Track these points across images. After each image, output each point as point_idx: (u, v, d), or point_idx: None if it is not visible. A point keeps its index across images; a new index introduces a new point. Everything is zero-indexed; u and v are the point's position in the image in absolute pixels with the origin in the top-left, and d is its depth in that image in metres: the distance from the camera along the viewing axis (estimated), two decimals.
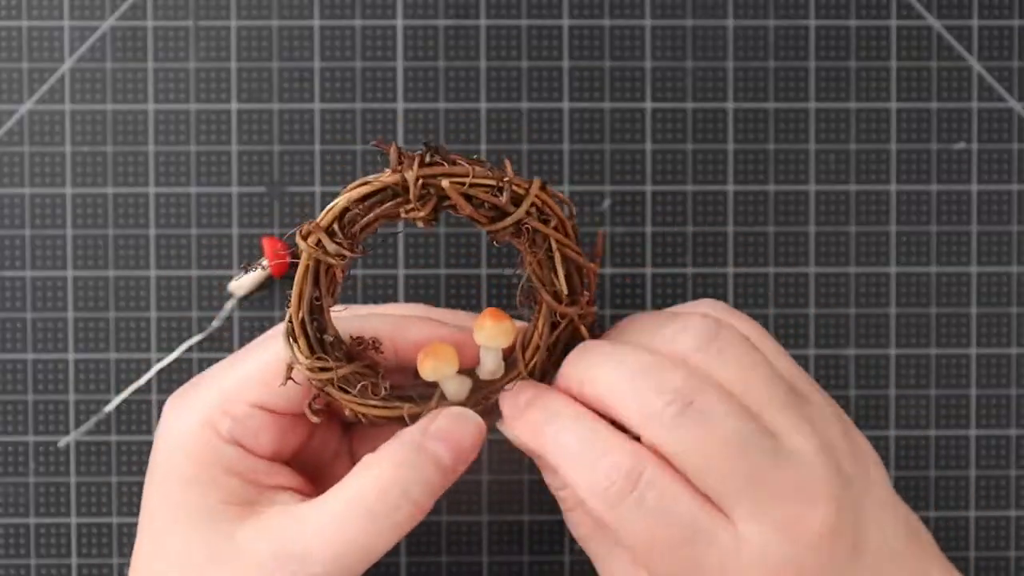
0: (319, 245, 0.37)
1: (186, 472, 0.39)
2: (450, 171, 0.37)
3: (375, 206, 0.37)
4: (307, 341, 0.38)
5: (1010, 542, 0.51)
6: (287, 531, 0.38)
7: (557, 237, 0.38)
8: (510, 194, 0.37)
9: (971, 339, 0.51)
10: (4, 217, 0.50)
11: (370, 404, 0.39)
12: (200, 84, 0.50)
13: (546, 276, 0.39)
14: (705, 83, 0.50)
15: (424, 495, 0.38)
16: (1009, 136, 0.50)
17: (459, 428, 0.39)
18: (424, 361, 0.39)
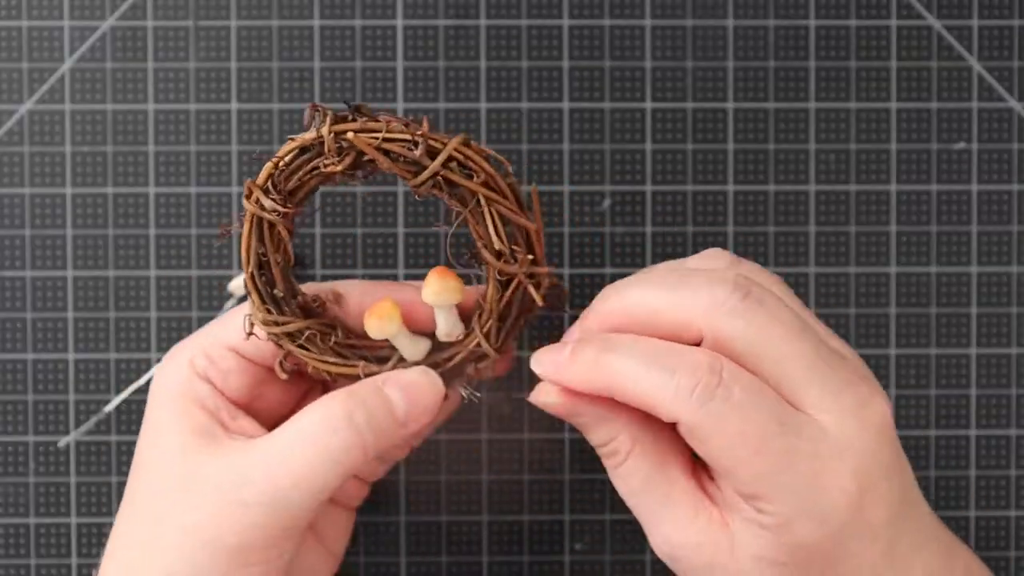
0: (257, 202, 0.39)
1: (168, 404, 0.41)
2: (364, 126, 0.38)
3: (303, 164, 0.38)
4: (259, 295, 0.40)
5: (1010, 542, 0.51)
6: (237, 461, 0.39)
7: (484, 192, 0.38)
8: (425, 147, 0.38)
9: (971, 339, 0.51)
10: (4, 217, 0.50)
11: (328, 361, 0.41)
12: (200, 84, 0.50)
13: (483, 233, 0.39)
14: (705, 83, 0.50)
15: (370, 431, 0.39)
16: (1009, 136, 0.50)
17: (418, 381, 0.40)
18: (368, 319, 0.40)
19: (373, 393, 0.39)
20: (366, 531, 0.50)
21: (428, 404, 0.40)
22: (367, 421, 0.39)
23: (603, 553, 0.50)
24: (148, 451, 0.41)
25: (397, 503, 0.50)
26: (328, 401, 0.39)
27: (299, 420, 0.39)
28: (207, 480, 0.39)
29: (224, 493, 0.38)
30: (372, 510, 0.50)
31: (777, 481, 0.36)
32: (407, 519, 0.50)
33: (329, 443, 0.38)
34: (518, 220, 0.39)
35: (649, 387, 0.37)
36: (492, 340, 0.41)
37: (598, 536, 0.50)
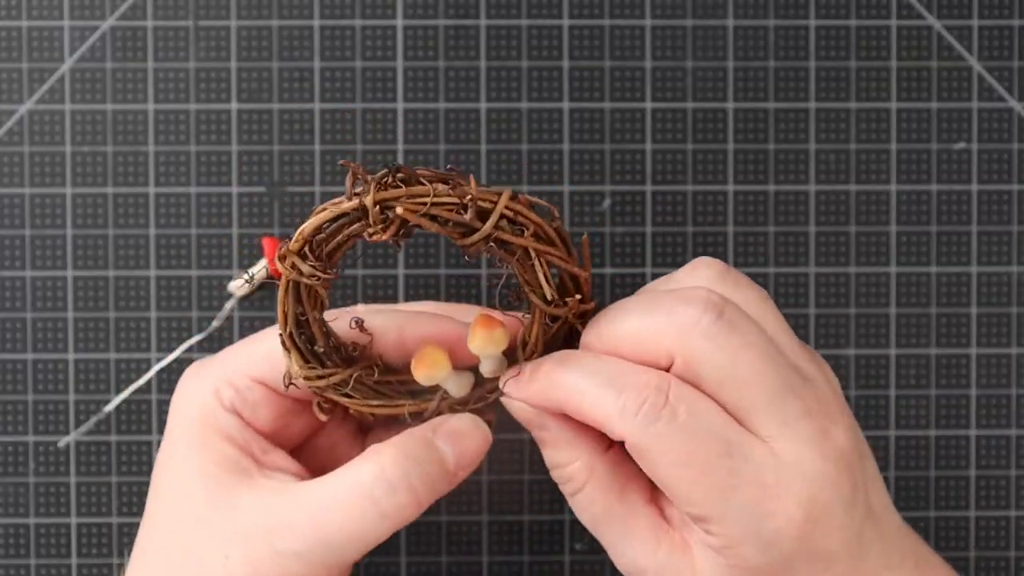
0: (294, 267, 0.37)
1: (190, 434, 0.40)
2: (408, 192, 0.36)
3: (341, 228, 0.37)
4: (299, 353, 0.39)
5: (1010, 542, 0.51)
6: (276, 504, 0.38)
7: (534, 246, 0.37)
8: (475, 210, 0.36)
9: (971, 339, 0.50)
10: (4, 217, 0.50)
11: (371, 404, 0.40)
12: (200, 84, 0.50)
13: (532, 280, 0.38)
14: (705, 83, 0.50)
15: (424, 489, 0.38)
16: (1009, 136, 0.50)
17: (468, 432, 0.40)
18: (416, 368, 0.40)
19: (425, 448, 0.39)
20: None
21: (477, 451, 0.40)
22: (421, 480, 0.38)
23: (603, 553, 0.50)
24: (169, 480, 0.40)
25: None
26: (379, 455, 0.38)
27: (350, 476, 0.38)
28: (241, 517, 0.38)
29: (262, 537, 0.38)
30: None
31: (722, 504, 0.36)
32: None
33: (384, 501, 0.38)
34: (569, 269, 0.39)
35: (596, 404, 0.37)
36: None
37: None
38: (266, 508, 0.38)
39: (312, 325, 0.39)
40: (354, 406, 0.40)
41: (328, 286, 0.38)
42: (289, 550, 0.38)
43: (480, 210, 0.37)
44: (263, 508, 0.38)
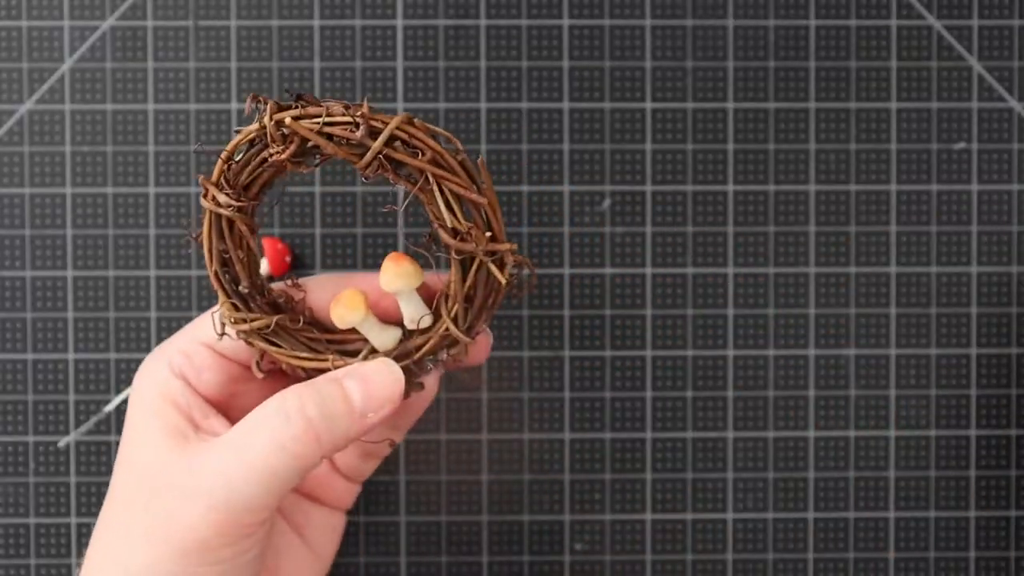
0: (213, 199, 0.39)
1: (146, 403, 0.41)
2: (304, 112, 0.37)
3: (252, 157, 0.38)
4: (224, 293, 0.40)
5: (1010, 542, 0.50)
6: (195, 459, 0.39)
7: (431, 170, 0.38)
8: (367, 128, 0.37)
9: (971, 339, 0.50)
10: (4, 217, 0.50)
11: (300, 356, 0.41)
12: (200, 84, 0.50)
13: (437, 212, 0.39)
14: (705, 83, 0.50)
15: (322, 421, 0.38)
16: (1009, 136, 0.50)
17: (378, 374, 0.39)
18: (334, 309, 0.40)
19: (329, 384, 0.39)
20: (366, 531, 0.50)
21: (387, 395, 0.39)
22: (320, 411, 0.38)
23: (603, 553, 0.50)
24: (125, 448, 0.41)
25: (397, 503, 0.50)
26: (284, 392, 0.39)
27: (253, 412, 0.39)
28: (170, 479, 0.39)
29: (180, 490, 0.38)
30: (372, 510, 0.50)
31: None
32: (407, 519, 0.50)
33: (280, 432, 0.38)
34: (468, 195, 0.38)
35: None
36: (461, 324, 0.40)
37: (598, 536, 0.50)
38: (188, 464, 0.39)
39: (235, 263, 0.40)
40: (281, 357, 0.40)
41: (251, 221, 0.39)
42: (200, 490, 0.38)
43: (372, 129, 0.37)
44: (186, 464, 0.39)
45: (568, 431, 0.50)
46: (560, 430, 0.50)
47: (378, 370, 0.40)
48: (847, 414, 0.50)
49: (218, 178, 0.39)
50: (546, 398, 0.50)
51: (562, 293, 0.50)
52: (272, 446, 0.38)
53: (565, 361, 0.50)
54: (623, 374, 0.50)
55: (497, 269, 0.40)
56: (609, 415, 0.50)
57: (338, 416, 0.39)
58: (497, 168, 0.50)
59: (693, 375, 0.50)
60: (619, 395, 0.50)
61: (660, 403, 0.50)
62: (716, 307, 0.50)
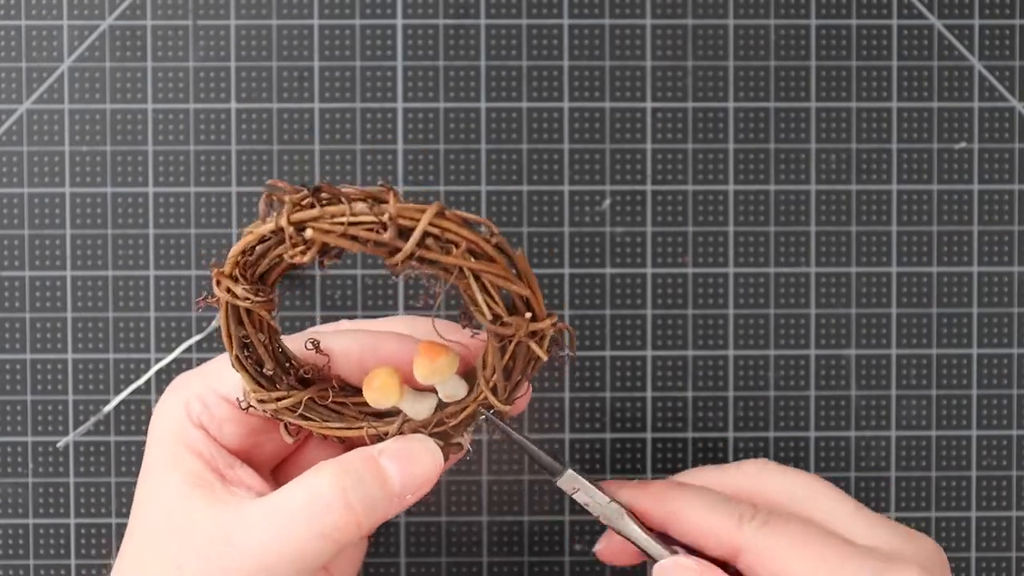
0: (229, 291, 0.37)
1: (163, 446, 0.40)
2: (324, 212, 0.34)
3: (267, 251, 0.36)
4: (249, 376, 0.39)
5: (1011, 543, 0.50)
6: (227, 521, 0.38)
7: (465, 264, 0.35)
8: (396, 228, 0.34)
9: (972, 339, 0.50)
10: (3, 217, 0.50)
11: (331, 426, 0.39)
12: (199, 84, 0.50)
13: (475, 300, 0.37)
14: (705, 83, 0.50)
15: (364, 509, 0.37)
16: (1010, 136, 0.50)
17: (417, 453, 0.39)
18: (366, 392, 0.39)
19: (367, 466, 0.38)
20: None
21: (426, 475, 0.39)
22: (361, 498, 0.37)
23: None
24: (143, 491, 0.40)
25: None
26: (321, 475, 0.38)
27: (290, 493, 0.38)
28: (197, 530, 0.38)
29: (213, 551, 0.37)
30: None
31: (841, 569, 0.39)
32: (407, 520, 0.50)
33: (320, 522, 0.37)
34: (509, 287, 0.36)
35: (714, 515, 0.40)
36: (499, 396, 0.39)
37: (598, 536, 0.50)
38: (219, 523, 0.38)
39: (257, 348, 0.38)
40: (313, 428, 0.39)
41: (270, 308, 0.37)
42: (232, 567, 0.37)
43: (402, 228, 0.35)
44: (216, 523, 0.38)
45: (568, 431, 0.50)
46: (560, 430, 0.50)
47: (417, 450, 0.39)
48: (847, 414, 0.50)
49: (231, 271, 0.36)
50: (546, 398, 0.50)
51: (562, 293, 0.50)
52: (312, 535, 0.37)
53: (565, 361, 0.50)
54: (623, 374, 0.50)
55: (537, 346, 0.38)
56: (609, 415, 0.50)
57: (378, 500, 0.38)
58: (497, 168, 0.50)
59: (693, 375, 0.50)
60: (619, 395, 0.50)
61: (660, 403, 0.50)
62: (716, 307, 0.50)
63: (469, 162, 0.50)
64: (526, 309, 0.37)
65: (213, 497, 0.39)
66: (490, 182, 0.50)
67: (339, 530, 0.37)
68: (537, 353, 0.38)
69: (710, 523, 0.40)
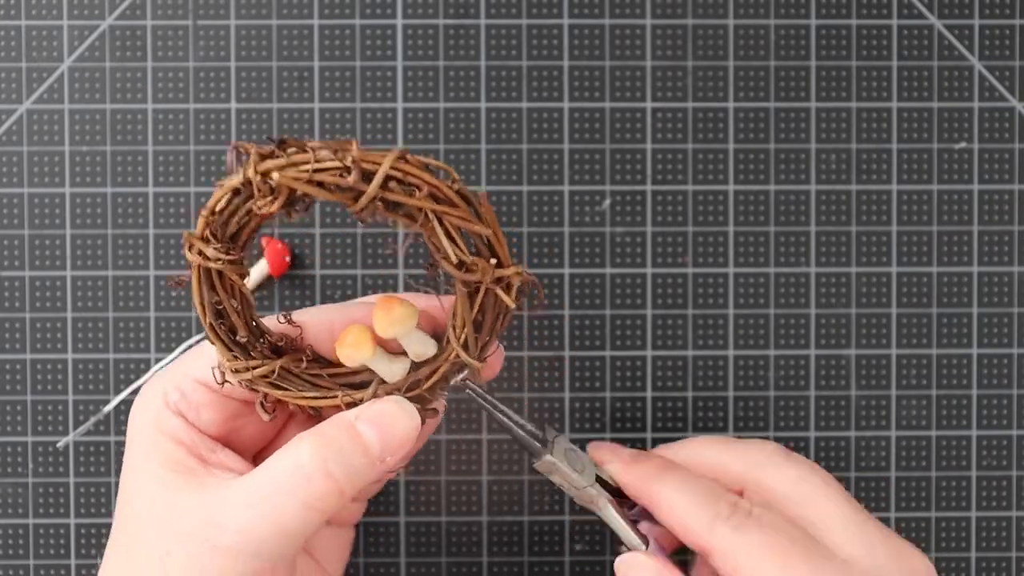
0: (200, 253, 0.37)
1: (143, 438, 0.40)
2: (290, 161, 0.35)
3: (237, 208, 0.36)
4: (223, 344, 0.39)
5: (1011, 543, 0.50)
6: (212, 501, 0.38)
7: (430, 207, 0.36)
8: (359, 172, 0.35)
9: (972, 339, 0.50)
10: (3, 217, 0.50)
11: (307, 396, 0.40)
12: (199, 84, 0.50)
13: (440, 245, 0.37)
14: (705, 83, 0.50)
15: (345, 476, 0.38)
16: (1010, 136, 0.50)
17: (393, 415, 0.39)
18: (340, 349, 0.39)
19: (345, 433, 0.38)
20: (366, 531, 0.50)
21: (404, 436, 0.39)
22: (341, 466, 0.38)
23: (603, 553, 0.50)
24: (126, 483, 0.40)
25: (397, 503, 0.50)
26: (300, 446, 0.38)
27: (271, 468, 0.38)
28: (183, 515, 0.38)
29: (200, 533, 0.38)
30: (372, 510, 0.50)
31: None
32: (407, 519, 0.50)
33: (303, 492, 0.37)
34: (471, 228, 0.37)
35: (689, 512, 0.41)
36: (471, 351, 0.39)
37: (598, 536, 0.50)
38: (204, 506, 0.38)
39: (230, 314, 0.39)
40: (288, 399, 0.40)
41: (241, 271, 0.38)
42: (222, 546, 0.37)
43: (366, 172, 0.35)
44: (201, 506, 0.38)
45: (568, 431, 0.50)
46: (560, 430, 0.50)
47: (393, 411, 0.39)
48: (847, 414, 0.50)
49: (203, 232, 0.37)
50: (546, 398, 0.50)
51: (562, 293, 0.50)
52: (297, 506, 0.37)
53: (565, 361, 0.50)
54: (623, 374, 0.50)
55: (505, 293, 0.38)
56: (609, 415, 0.50)
57: (359, 466, 0.38)
58: (497, 168, 0.50)
59: (693, 375, 0.50)
60: (619, 395, 0.50)
61: (660, 403, 0.50)
62: (716, 307, 0.50)
63: (469, 162, 0.50)
64: (491, 255, 0.38)
65: (196, 481, 0.39)
66: (490, 182, 0.50)
67: (322, 499, 0.37)
68: (505, 302, 0.38)
69: (684, 520, 0.40)
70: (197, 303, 0.38)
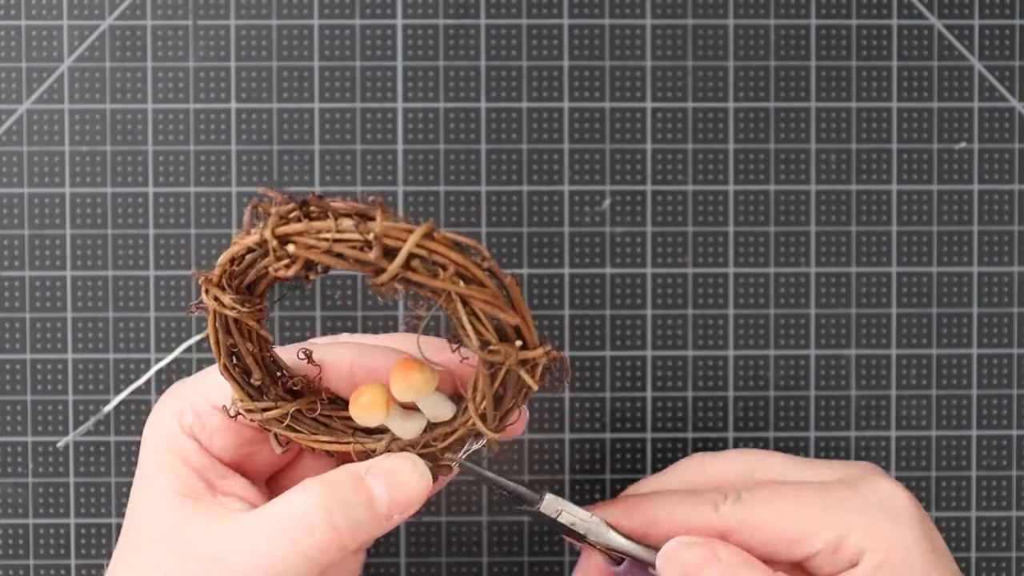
0: (216, 299, 0.36)
1: (155, 455, 0.40)
2: (309, 228, 0.33)
3: (253, 263, 0.35)
4: (238, 385, 0.38)
5: (1011, 543, 0.50)
6: (217, 533, 0.38)
7: (453, 289, 0.34)
8: (381, 248, 0.33)
9: (972, 339, 0.50)
10: (3, 217, 0.50)
11: (319, 439, 0.39)
12: (199, 84, 0.50)
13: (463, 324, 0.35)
14: (705, 83, 0.50)
15: (348, 530, 0.37)
16: (1010, 136, 0.50)
17: (404, 473, 0.38)
18: (354, 409, 0.38)
19: (352, 486, 0.37)
20: None
21: (414, 495, 0.38)
22: (346, 520, 0.37)
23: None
24: (137, 493, 0.40)
25: None
26: (306, 494, 0.37)
27: (276, 511, 0.37)
28: (190, 538, 0.38)
29: (204, 563, 0.37)
30: None
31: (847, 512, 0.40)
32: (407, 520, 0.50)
33: (305, 543, 0.37)
34: (498, 315, 0.35)
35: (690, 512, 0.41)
36: (489, 423, 0.38)
37: None
38: (209, 535, 0.38)
39: (245, 357, 0.38)
40: (300, 440, 0.39)
41: (259, 318, 0.37)
42: None
43: (388, 248, 0.33)
44: (206, 535, 0.38)
45: (568, 431, 0.50)
46: (560, 430, 0.50)
47: (405, 469, 0.38)
48: (847, 414, 0.50)
49: (219, 280, 0.36)
50: (546, 398, 0.50)
51: (562, 293, 0.50)
52: (298, 556, 0.37)
53: (565, 361, 0.50)
54: (623, 374, 0.50)
55: (528, 376, 0.37)
56: (609, 415, 0.50)
57: (364, 520, 0.37)
58: (497, 168, 0.50)
59: (693, 375, 0.50)
60: (619, 395, 0.50)
61: (660, 403, 0.50)
62: (716, 307, 0.50)
63: (469, 162, 0.50)
64: (517, 337, 0.36)
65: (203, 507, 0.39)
66: (490, 182, 0.50)
67: (323, 552, 0.37)
68: (527, 383, 0.37)
69: (689, 518, 0.41)
70: (212, 344, 0.37)
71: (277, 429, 0.39)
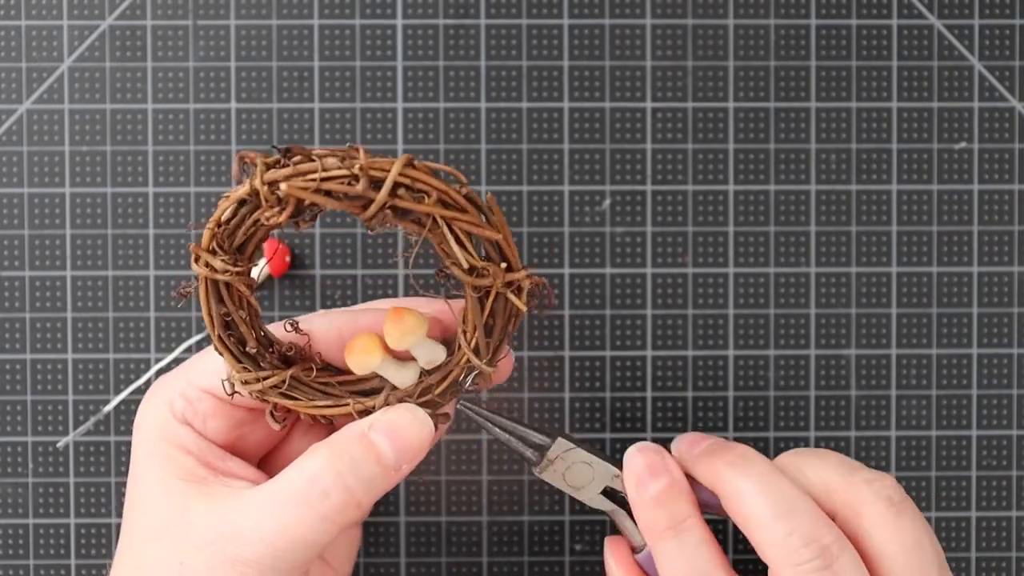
0: (207, 265, 0.37)
1: (149, 445, 0.40)
2: (296, 171, 0.35)
3: (244, 218, 0.36)
4: (232, 355, 0.39)
5: (1011, 543, 0.50)
6: (227, 511, 0.38)
7: (439, 212, 0.36)
8: (367, 180, 0.35)
9: (972, 339, 0.50)
10: (3, 217, 0.50)
11: (318, 405, 0.39)
12: (199, 84, 0.50)
13: (449, 251, 0.37)
14: (706, 83, 0.50)
15: (360, 487, 0.38)
16: (1010, 136, 0.50)
17: (406, 424, 0.39)
18: (349, 357, 0.39)
19: (358, 443, 0.38)
20: (366, 531, 0.50)
21: (418, 443, 0.39)
22: (356, 477, 0.38)
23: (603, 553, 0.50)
24: (133, 491, 0.40)
25: (397, 503, 0.50)
26: (316, 459, 0.38)
27: (288, 479, 0.38)
28: (195, 525, 0.38)
29: (217, 544, 0.38)
30: (372, 511, 0.50)
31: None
32: (407, 519, 0.50)
33: (321, 506, 0.37)
34: (481, 233, 0.37)
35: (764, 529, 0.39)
36: (482, 355, 0.39)
37: (598, 536, 0.50)
38: (218, 515, 0.38)
39: (239, 325, 0.38)
40: (299, 408, 0.39)
41: (250, 283, 0.38)
42: (240, 557, 0.37)
43: (374, 179, 0.35)
44: (215, 516, 0.38)
45: (569, 431, 0.50)
46: (560, 430, 0.50)
47: (406, 419, 0.39)
48: (847, 414, 0.50)
49: (209, 244, 0.37)
50: (546, 398, 0.50)
51: (562, 293, 0.50)
52: (315, 519, 0.37)
53: (565, 361, 0.50)
54: (623, 374, 0.50)
55: (515, 297, 0.38)
56: (609, 415, 0.50)
57: (374, 476, 0.38)
58: (497, 168, 0.50)
59: (693, 375, 0.50)
60: (619, 395, 0.50)
61: (660, 403, 0.50)
62: (716, 307, 0.50)
63: (469, 162, 0.50)
64: (501, 259, 0.38)
65: (206, 490, 0.39)
66: (490, 182, 0.50)
67: (340, 512, 0.38)
68: (516, 305, 0.38)
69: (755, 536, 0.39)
70: (205, 315, 0.38)
71: (275, 398, 0.39)
